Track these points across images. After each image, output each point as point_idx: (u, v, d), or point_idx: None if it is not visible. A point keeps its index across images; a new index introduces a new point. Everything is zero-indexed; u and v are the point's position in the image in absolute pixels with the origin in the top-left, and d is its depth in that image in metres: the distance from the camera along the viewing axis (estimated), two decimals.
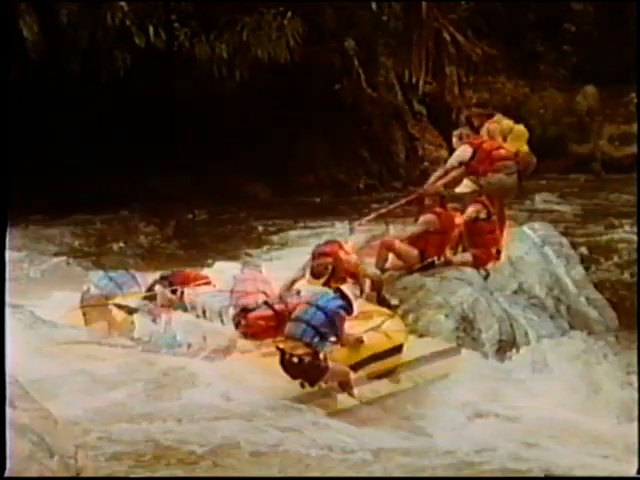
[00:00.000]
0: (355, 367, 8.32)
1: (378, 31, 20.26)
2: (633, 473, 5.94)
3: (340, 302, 8.16)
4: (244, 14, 17.43)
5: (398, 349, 8.84)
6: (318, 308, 8.06)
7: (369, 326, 8.70)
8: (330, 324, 8.02)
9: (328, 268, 9.27)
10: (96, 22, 16.70)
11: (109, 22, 16.58)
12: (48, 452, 4.46)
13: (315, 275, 9.35)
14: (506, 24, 24.14)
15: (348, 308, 8.24)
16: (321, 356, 7.94)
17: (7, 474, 4.30)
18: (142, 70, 17.21)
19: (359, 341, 8.36)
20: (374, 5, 19.36)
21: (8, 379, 4.77)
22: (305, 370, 7.91)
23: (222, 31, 17.33)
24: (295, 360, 7.85)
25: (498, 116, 11.94)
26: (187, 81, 17.50)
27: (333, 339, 8.05)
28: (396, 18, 19.80)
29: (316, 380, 7.96)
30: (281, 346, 7.99)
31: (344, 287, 8.66)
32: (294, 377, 7.96)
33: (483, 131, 11.40)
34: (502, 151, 10.94)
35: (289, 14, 17.38)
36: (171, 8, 17.39)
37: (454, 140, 11.33)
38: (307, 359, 7.87)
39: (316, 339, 7.92)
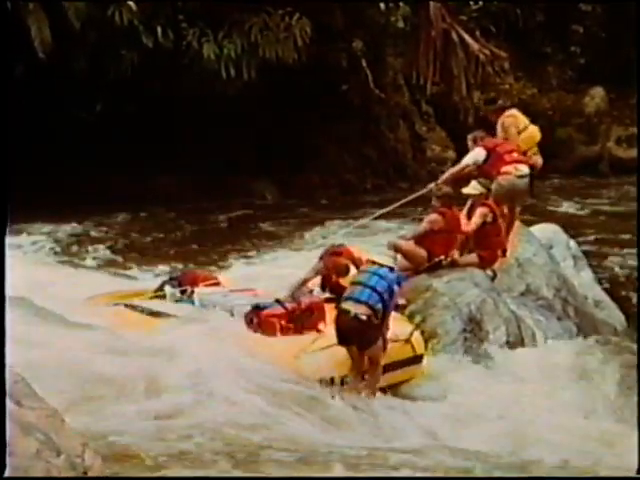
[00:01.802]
0: None
1: (386, 32, 20.27)
2: (633, 473, 5.93)
3: (395, 275, 8.32)
4: (252, 14, 17.43)
5: (419, 359, 8.84)
6: (380, 277, 8.22)
7: (399, 335, 8.70)
8: (390, 293, 8.19)
9: (349, 268, 9.30)
10: (104, 22, 16.72)
11: (117, 22, 16.59)
12: (55, 451, 4.45)
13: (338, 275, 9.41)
14: (514, 25, 24.13)
15: (401, 281, 8.42)
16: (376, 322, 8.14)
17: (13, 473, 4.29)
18: (150, 70, 17.24)
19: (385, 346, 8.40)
20: (382, 6, 19.37)
21: (14, 377, 4.76)
22: (364, 332, 8.07)
23: (230, 31, 17.33)
24: (364, 318, 8.00)
25: (513, 110, 11.87)
26: (195, 81, 17.51)
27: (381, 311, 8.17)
28: (404, 19, 19.79)
29: (368, 345, 8.12)
30: (345, 307, 8.11)
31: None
32: (348, 342, 8.12)
33: (499, 124, 11.34)
34: (515, 154, 10.83)
35: (297, 14, 17.38)
36: (179, 8, 17.41)
37: (469, 144, 11.25)
38: (374, 320, 8.04)
39: (379, 305, 8.10)
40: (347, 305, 8.13)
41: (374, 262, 8.52)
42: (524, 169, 10.78)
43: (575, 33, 25.64)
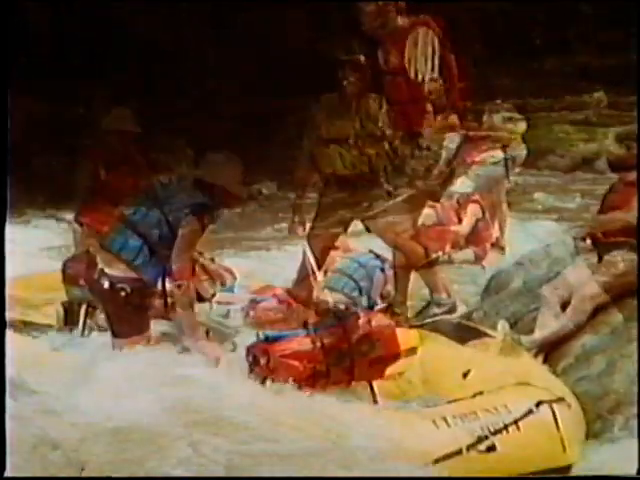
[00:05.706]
0: None
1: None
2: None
3: (378, 262, 8.33)
4: (251, 10, 17.45)
5: (413, 351, 8.83)
6: (360, 264, 8.23)
7: None
8: (369, 281, 8.29)
9: None
10: (104, 17, 16.74)
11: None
12: (51, 446, 4.45)
13: None
14: (512, 23, 24.13)
15: (384, 268, 8.41)
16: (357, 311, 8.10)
17: (9, 467, 4.29)
18: (149, 65, 17.27)
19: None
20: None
21: (10, 372, 4.76)
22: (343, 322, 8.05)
23: (228, 26, 17.35)
24: (342, 307, 8.00)
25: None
26: (193, 77, 17.54)
27: (365, 301, 8.16)
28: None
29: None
30: (322, 297, 8.11)
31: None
32: None
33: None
34: (488, 141, 10.71)
35: (295, 10, 17.40)
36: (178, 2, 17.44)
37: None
38: (352, 308, 8.00)
39: (355, 292, 8.14)
40: (324, 295, 8.18)
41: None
42: (498, 154, 10.67)
43: (575, 32, 25.65)
